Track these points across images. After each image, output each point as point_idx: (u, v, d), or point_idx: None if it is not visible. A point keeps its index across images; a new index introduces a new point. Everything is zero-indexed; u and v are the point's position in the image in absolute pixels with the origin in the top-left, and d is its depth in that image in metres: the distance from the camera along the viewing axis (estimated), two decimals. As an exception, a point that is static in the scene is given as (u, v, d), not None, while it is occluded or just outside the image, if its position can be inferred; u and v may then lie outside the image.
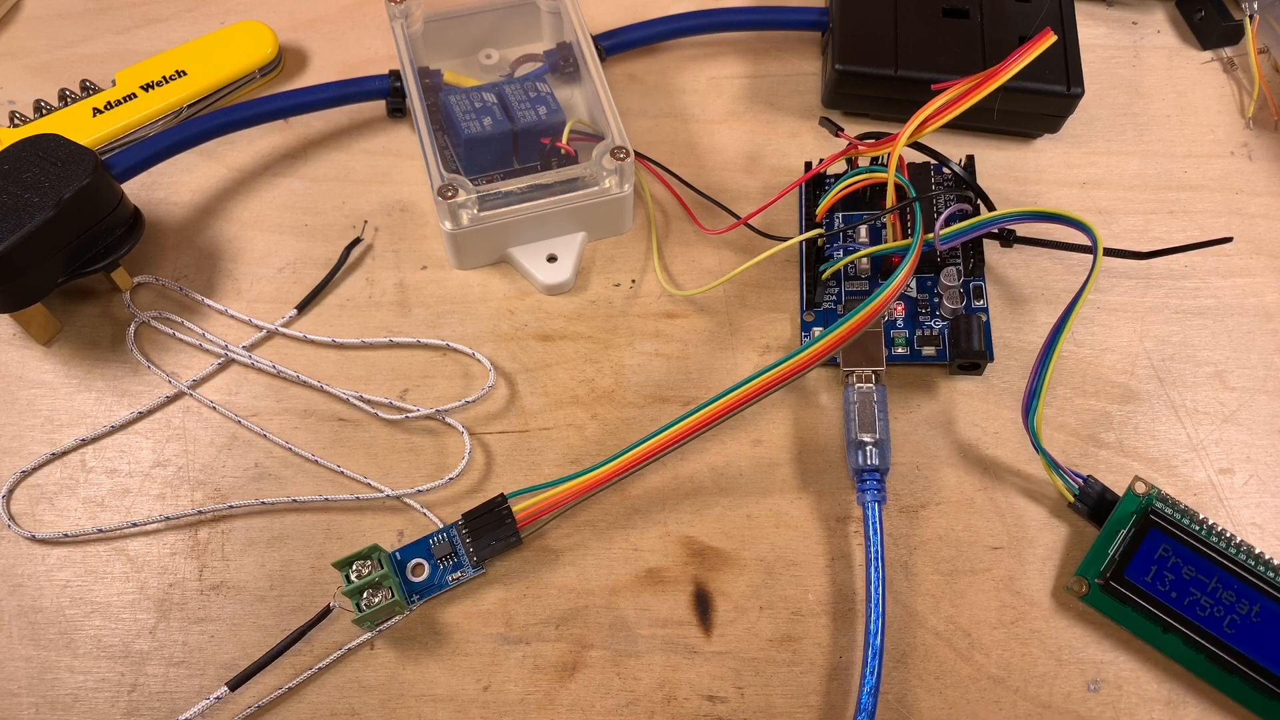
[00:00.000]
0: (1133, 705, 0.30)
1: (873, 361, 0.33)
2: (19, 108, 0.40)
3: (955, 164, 0.35)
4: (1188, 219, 0.38)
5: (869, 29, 0.39)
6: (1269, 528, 0.32)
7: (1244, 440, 0.34)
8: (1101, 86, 0.42)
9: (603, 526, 0.33)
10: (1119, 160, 0.40)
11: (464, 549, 0.31)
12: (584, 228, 0.37)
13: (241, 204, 0.39)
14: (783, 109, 0.42)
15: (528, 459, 0.34)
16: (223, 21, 0.44)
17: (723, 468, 0.34)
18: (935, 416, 0.34)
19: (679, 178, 0.39)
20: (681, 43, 0.43)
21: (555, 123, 0.37)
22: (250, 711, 0.30)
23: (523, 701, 0.30)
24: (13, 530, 0.32)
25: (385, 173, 0.40)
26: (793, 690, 0.30)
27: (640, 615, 0.31)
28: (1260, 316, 0.36)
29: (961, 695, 0.30)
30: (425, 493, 0.33)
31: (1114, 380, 0.35)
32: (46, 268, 0.33)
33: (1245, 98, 0.41)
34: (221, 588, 0.32)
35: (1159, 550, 0.30)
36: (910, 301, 0.35)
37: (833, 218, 0.37)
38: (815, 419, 0.34)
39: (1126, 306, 0.36)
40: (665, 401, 0.35)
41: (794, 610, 0.31)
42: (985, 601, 0.31)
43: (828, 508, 0.33)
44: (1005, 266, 0.37)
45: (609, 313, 0.37)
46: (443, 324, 0.36)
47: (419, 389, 0.35)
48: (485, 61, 0.41)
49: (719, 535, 0.32)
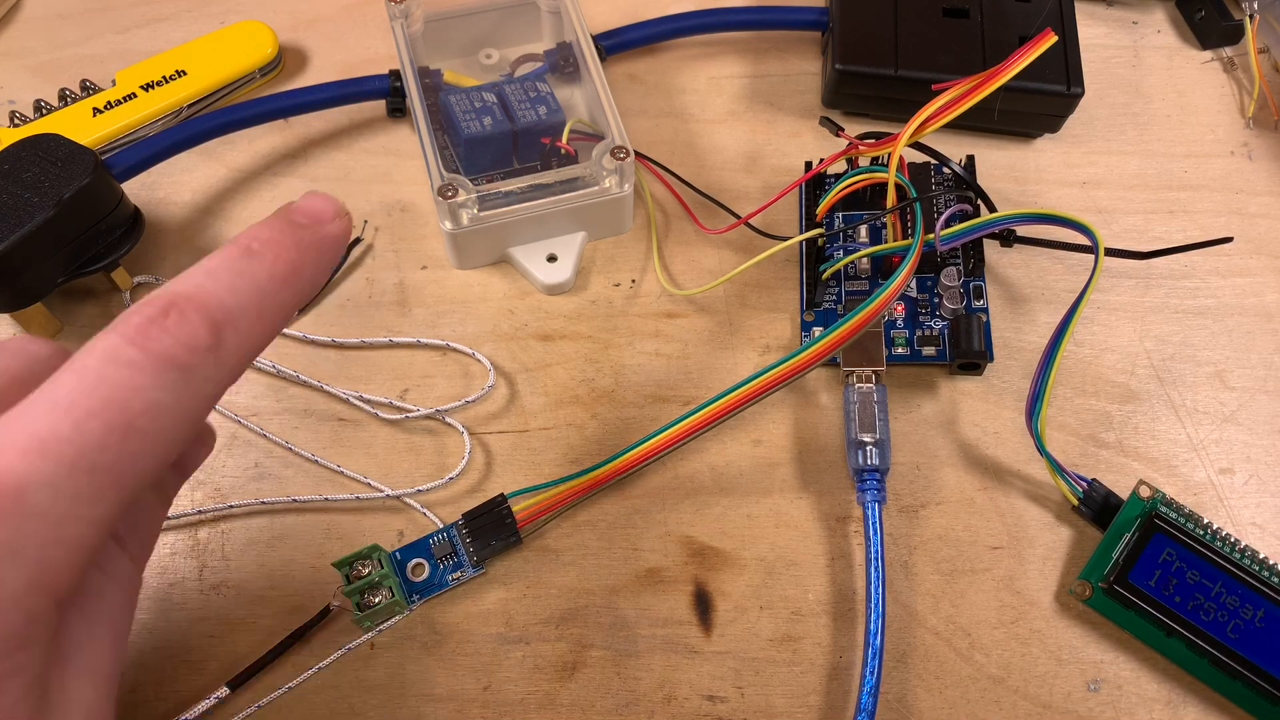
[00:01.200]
0: (1133, 705, 0.30)
1: (873, 361, 0.33)
2: (19, 108, 0.40)
3: (955, 164, 0.35)
4: (1188, 219, 0.38)
5: (869, 29, 0.39)
6: (1269, 528, 0.32)
7: (1244, 440, 0.34)
8: (1101, 86, 0.42)
9: (603, 526, 0.33)
10: (1119, 160, 0.40)
11: (464, 549, 0.31)
12: (584, 228, 0.37)
13: (241, 204, 0.39)
14: (783, 109, 0.42)
15: (528, 459, 0.34)
16: (223, 21, 0.44)
17: (723, 468, 0.34)
18: (935, 416, 0.34)
19: (679, 177, 0.39)
20: (681, 43, 0.43)
21: (555, 123, 0.37)
22: (250, 712, 0.30)
23: (523, 701, 0.30)
24: (12, 530, 0.32)
25: (385, 173, 0.40)
26: (793, 690, 0.30)
27: (640, 615, 0.31)
28: (1260, 316, 0.36)
29: (961, 695, 0.30)
30: (425, 493, 0.33)
31: (1114, 380, 0.35)
32: (46, 267, 0.33)
33: (1245, 98, 0.41)
34: (221, 588, 0.32)
35: (1163, 554, 0.30)
36: (910, 301, 0.35)
37: (833, 218, 0.37)
38: (815, 419, 0.34)
39: (1126, 306, 0.36)
40: (665, 401, 0.35)
41: (794, 610, 0.31)
42: (985, 601, 0.31)
43: (828, 508, 0.33)
44: (1005, 266, 0.37)
45: (609, 313, 0.37)
46: (443, 324, 0.36)
47: (419, 389, 0.35)
48: (485, 61, 0.41)
49: (719, 535, 0.32)
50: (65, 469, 0.18)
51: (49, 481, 0.18)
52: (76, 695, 0.20)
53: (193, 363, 0.19)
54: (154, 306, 0.20)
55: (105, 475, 0.18)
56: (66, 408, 0.18)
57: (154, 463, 0.19)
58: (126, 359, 0.19)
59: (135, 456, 0.19)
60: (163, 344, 0.19)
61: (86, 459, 0.18)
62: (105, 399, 0.18)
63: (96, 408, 0.18)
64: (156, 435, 0.19)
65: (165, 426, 0.19)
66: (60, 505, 0.18)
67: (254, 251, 0.21)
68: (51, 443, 0.18)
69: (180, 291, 0.20)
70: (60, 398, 0.18)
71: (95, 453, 0.18)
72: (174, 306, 0.20)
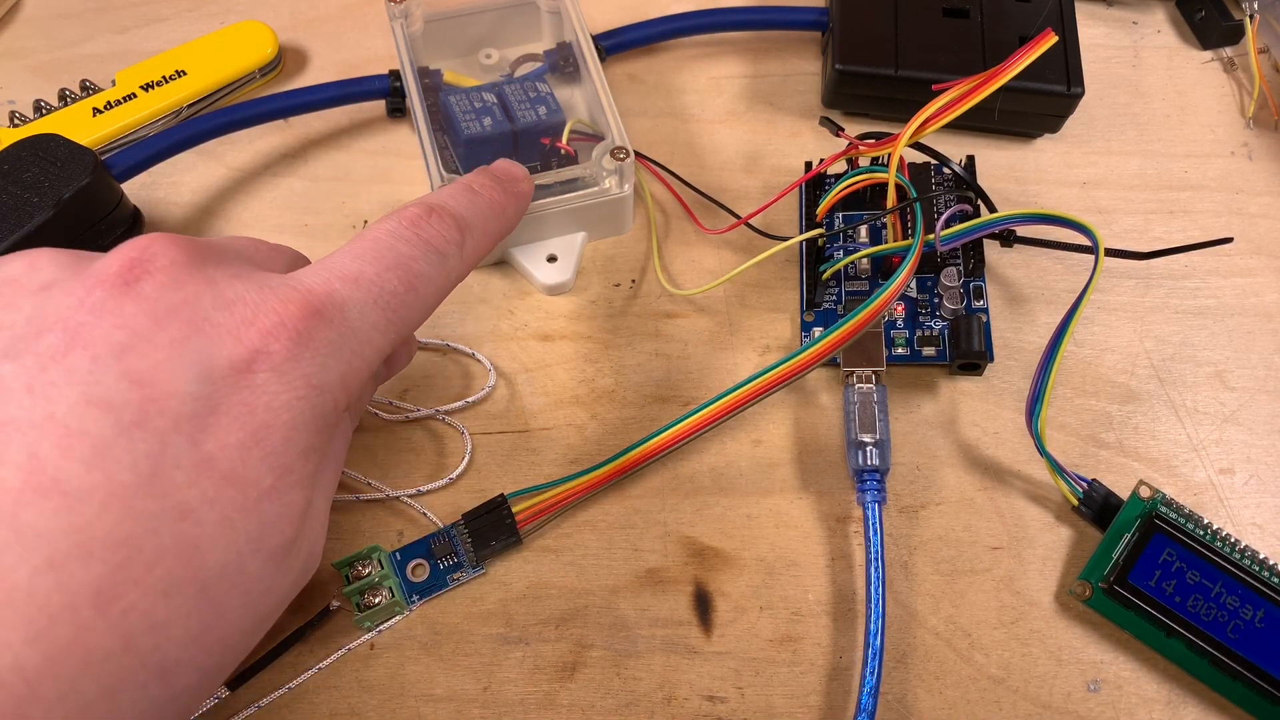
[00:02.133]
0: (1133, 705, 0.30)
1: (873, 362, 0.33)
2: (19, 108, 0.40)
3: (956, 164, 0.35)
4: (1188, 219, 0.38)
5: (869, 29, 0.39)
6: (1269, 528, 0.32)
7: (1244, 440, 0.34)
8: (1101, 86, 0.42)
9: (603, 526, 0.33)
10: (1119, 160, 0.40)
11: (464, 549, 0.31)
12: (584, 228, 0.37)
13: (241, 204, 0.39)
14: (783, 109, 0.42)
15: (528, 459, 0.34)
16: (223, 21, 0.44)
17: (723, 468, 0.34)
18: (935, 417, 0.34)
19: (679, 178, 0.39)
20: (681, 43, 0.43)
21: (555, 123, 0.37)
22: (250, 712, 0.30)
23: (523, 701, 0.30)
24: (12, 530, 0.32)
25: (385, 173, 0.40)
26: (793, 690, 0.30)
27: (640, 615, 0.31)
28: (1260, 316, 0.36)
29: (961, 695, 0.30)
30: (425, 493, 0.33)
31: (1114, 380, 0.35)
32: (46, 268, 0.33)
33: (1245, 98, 0.41)
34: (221, 588, 0.32)
35: (1163, 555, 0.30)
36: (910, 302, 0.35)
37: (833, 218, 0.37)
38: (815, 419, 0.34)
39: (1126, 306, 0.36)
40: (665, 401, 0.35)
41: (794, 610, 0.31)
42: (985, 602, 0.31)
43: (828, 508, 0.33)
44: (1005, 266, 0.37)
45: (609, 313, 0.37)
46: (442, 324, 0.36)
47: (419, 389, 0.35)
48: (485, 61, 0.41)
49: (719, 535, 0.32)
50: (370, 301, 0.24)
51: (360, 306, 0.24)
52: (318, 506, 0.24)
53: (447, 251, 0.26)
54: (420, 207, 0.27)
55: (392, 315, 0.25)
56: (371, 259, 0.25)
57: (418, 318, 0.26)
58: (406, 238, 0.26)
59: (409, 308, 0.25)
60: (430, 233, 0.26)
61: (384, 299, 0.24)
62: (395, 260, 0.25)
63: (390, 264, 0.25)
64: (423, 298, 0.26)
65: (426, 294, 0.26)
66: (365, 327, 0.24)
67: (475, 190, 0.29)
68: (363, 280, 0.24)
69: (437, 202, 0.27)
70: (363, 251, 0.25)
71: (389, 296, 0.24)
72: (435, 210, 0.27)
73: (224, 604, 0.21)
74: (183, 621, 0.20)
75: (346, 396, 0.24)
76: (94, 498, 0.19)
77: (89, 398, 0.19)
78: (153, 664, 0.20)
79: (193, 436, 0.20)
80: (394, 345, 0.25)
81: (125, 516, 0.19)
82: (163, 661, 0.20)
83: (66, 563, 0.18)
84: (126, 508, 0.19)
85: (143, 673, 0.20)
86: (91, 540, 0.19)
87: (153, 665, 0.20)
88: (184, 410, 0.20)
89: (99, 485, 0.19)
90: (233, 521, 0.21)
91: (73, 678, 0.18)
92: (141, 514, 0.19)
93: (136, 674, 0.19)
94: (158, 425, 0.20)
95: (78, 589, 0.18)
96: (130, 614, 0.19)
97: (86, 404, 0.19)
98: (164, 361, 0.20)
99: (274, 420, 0.21)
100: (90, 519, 0.19)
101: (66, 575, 0.18)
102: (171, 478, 0.20)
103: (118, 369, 0.20)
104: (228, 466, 0.21)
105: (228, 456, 0.21)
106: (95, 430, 0.19)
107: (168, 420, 0.20)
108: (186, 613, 0.20)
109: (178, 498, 0.20)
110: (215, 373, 0.21)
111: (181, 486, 0.20)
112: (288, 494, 0.22)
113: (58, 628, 0.18)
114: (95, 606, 0.19)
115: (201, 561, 0.20)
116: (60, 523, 0.18)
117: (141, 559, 0.19)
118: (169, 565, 0.20)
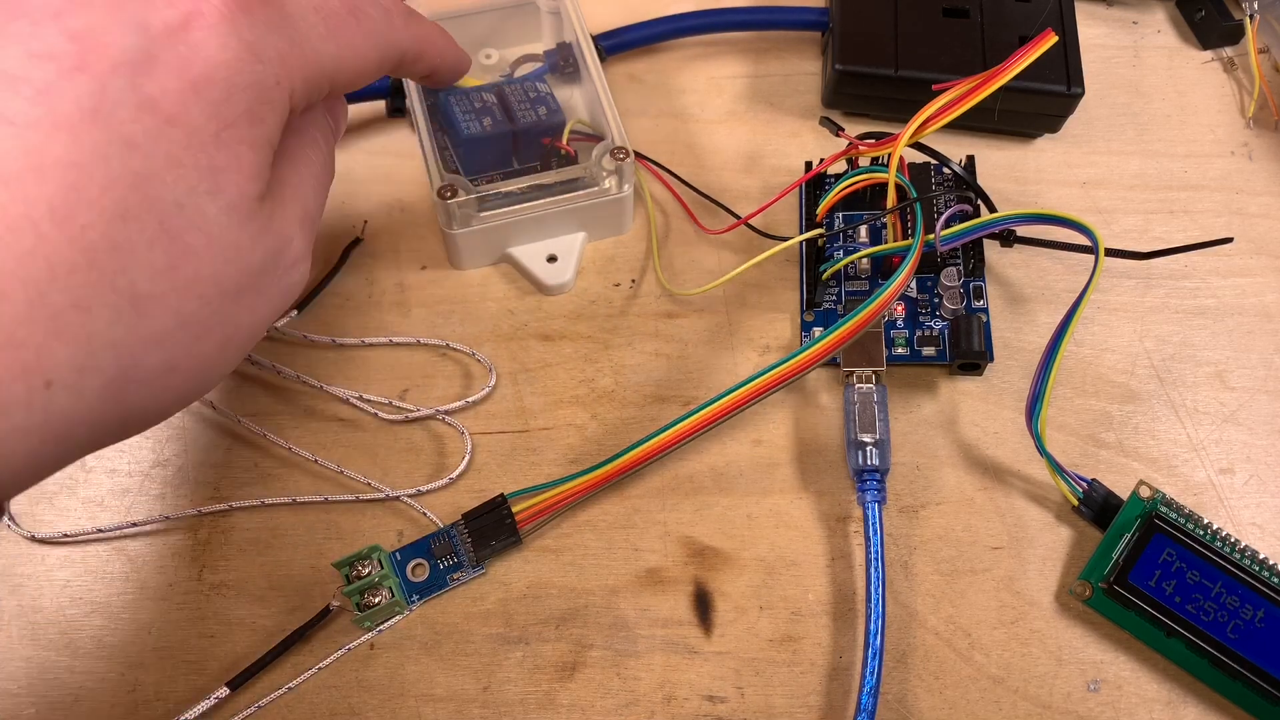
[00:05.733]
0: (1133, 705, 0.30)
1: (873, 362, 0.33)
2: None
3: (956, 164, 0.35)
4: (1188, 219, 0.38)
5: (869, 29, 0.39)
6: (1269, 528, 0.32)
7: (1244, 440, 0.34)
8: (1101, 86, 0.42)
9: (603, 526, 0.33)
10: (1119, 160, 0.40)
11: (464, 549, 0.31)
12: (584, 228, 0.37)
13: (241, 204, 0.39)
14: (783, 109, 0.42)
15: (528, 459, 0.34)
16: (223, 21, 0.44)
17: (723, 468, 0.34)
18: (935, 416, 0.34)
19: (679, 178, 0.39)
20: (681, 43, 0.43)
21: (555, 123, 0.37)
22: (250, 712, 0.30)
23: (523, 701, 0.30)
24: (12, 530, 0.32)
25: (385, 173, 0.40)
26: (793, 690, 0.30)
27: (640, 615, 0.31)
28: (1260, 316, 0.36)
29: (961, 695, 0.30)
30: (425, 493, 0.33)
31: (1114, 380, 0.35)
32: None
33: (1245, 98, 0.41)
34: (221, 588, 0.32)
35: (1163, 555, 0.30)
36: (910, 302, 0.35)
37: (833, 218, 0.37)
38: (815, 419, 0.34)
39: (1126, 306, 0.36)
40: (665, 401, 0.35)
41: (794, 610, 0.31)
42: (985, 601, 0.31)
43: (828, 508, 0.33)
44: (1005, 266, 0.37)
45: (609, 313, 0.37)
46: (443, 324, 0.36)
47: (419, 389, 0.35)
48: (485, 61, 0.41)
49: (719, 535, 0.32)
50: (310, 5, 0.25)
51: (299, 4, 0.25)
52: (294, 189, 0.26)
53: (390, 6, 0.29)
54: None
55: (333, 26, 0.26)
56: None
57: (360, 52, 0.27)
58: None
59: (350, 30, 0.26)
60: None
61: (325, 7, 0.26)
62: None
63: None
64: (364, 29, 0.27)
65: (367, 29, 0.27)
66: (304, 26, 0.25)
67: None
68: None
69: None
70: None
71: (330, 7, 0.26)
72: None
73: (186, 240, 0.22)
74: (145, 250, 0.21)
75: (289, 81, 0.24)
76: (40, 126, 0.20)
77: (30, 51, 0.20)
78: (122, 287, 0.20)
79: (132, 80, 0.21)
80: (335, 69, 0.26)
81: (72, 144, 0.20)
82: (133, 288, 0.21)
83: (19, 180, 0.19)
84: (73, 136, 0.20)
85: (112, 294, 0.20)
86: (42, 162, 0.20)
87: (122, 288, 0.20)
88: (123, 58, 0.21)
89: (44, 117, 0.20)
90: (179, 159, 0.21)
91: (39, 284, 0.19)
92: (88, 142, 0.20)
93: (106, 294, 0.20)
94: (97, 69, 0.21)
95: (33, 201, 0.19)
96: (89, 231, 0.20)
97: (27, 56, 0.20)
98: (100, 19, 0.21)
99: (213, 75, 0.22)
100: (39, 143, 0.20)
101: (20, 190, 0.19)
102: (115, 114, 0.21)
103: (55, 27, 0.21)
104: (169, 109, 0.21)
105: (168, 99, 0.21)
106: (38, 75, 0.20)
107: (106, 65, 0.21)
108: (148, 240, 0.21)
109: (122, 130, 0.21)
110: (152, 29, 0.22)
111: (125, 122, 0.21)
112: (234, 147, 0.23)
113: (16, 236, 0.19)
114: (52, 220, 0.19)
115: (155, 193, 0.21)
116: (9, 146, 0.20)
117: (94, 183, 0.20)
118: (121, 191, 0.20)
